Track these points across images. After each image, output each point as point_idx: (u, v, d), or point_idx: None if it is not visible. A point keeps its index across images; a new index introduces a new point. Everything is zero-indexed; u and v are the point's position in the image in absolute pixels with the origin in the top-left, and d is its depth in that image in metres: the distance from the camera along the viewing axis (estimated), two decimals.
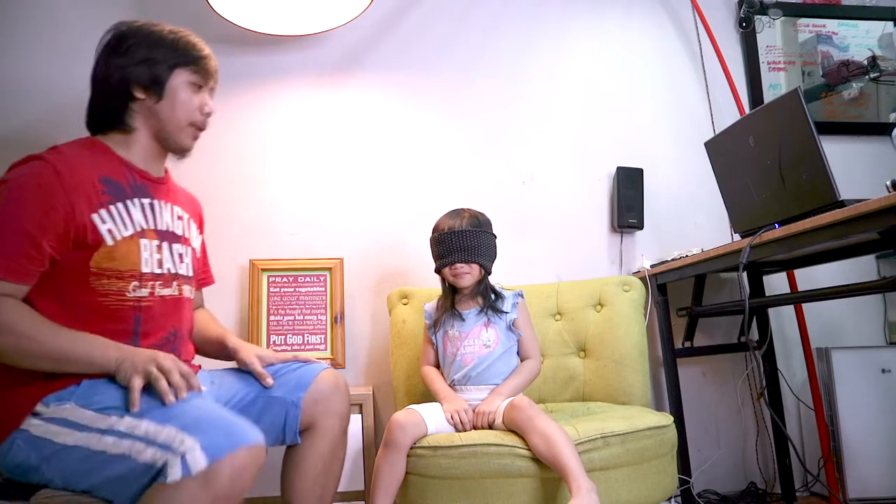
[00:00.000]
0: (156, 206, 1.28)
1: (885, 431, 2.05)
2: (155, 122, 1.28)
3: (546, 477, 1.36)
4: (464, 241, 1.63)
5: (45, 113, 2.05)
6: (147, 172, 1.30)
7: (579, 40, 2.36)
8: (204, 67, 1.30)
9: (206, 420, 1.01)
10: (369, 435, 1.79)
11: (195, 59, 1.29)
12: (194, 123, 1.31)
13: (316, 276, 2.04)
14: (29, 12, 2.08)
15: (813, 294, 1.83)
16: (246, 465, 0.97)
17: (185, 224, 1.36)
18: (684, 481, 1.92)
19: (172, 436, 0.97)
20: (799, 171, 1.50)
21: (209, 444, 0.95)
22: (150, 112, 1.27)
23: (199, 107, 1.30)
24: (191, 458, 0.94)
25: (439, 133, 2.23)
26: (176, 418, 1.00)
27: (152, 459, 0.97)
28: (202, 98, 1.31)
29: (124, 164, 1.26)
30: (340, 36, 2.18)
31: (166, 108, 1.27)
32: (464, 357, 1.62)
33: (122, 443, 1.00)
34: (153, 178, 1.31)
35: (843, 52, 2.47)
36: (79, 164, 1.18)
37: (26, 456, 1.06)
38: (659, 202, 2.29)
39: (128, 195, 1.22)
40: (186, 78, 1.28)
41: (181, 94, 1.28)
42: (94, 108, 1.31)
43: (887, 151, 2.36)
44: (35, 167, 1.14)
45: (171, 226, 1.31)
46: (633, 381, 1.79)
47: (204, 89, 1.32)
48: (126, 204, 1.21)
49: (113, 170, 1.23)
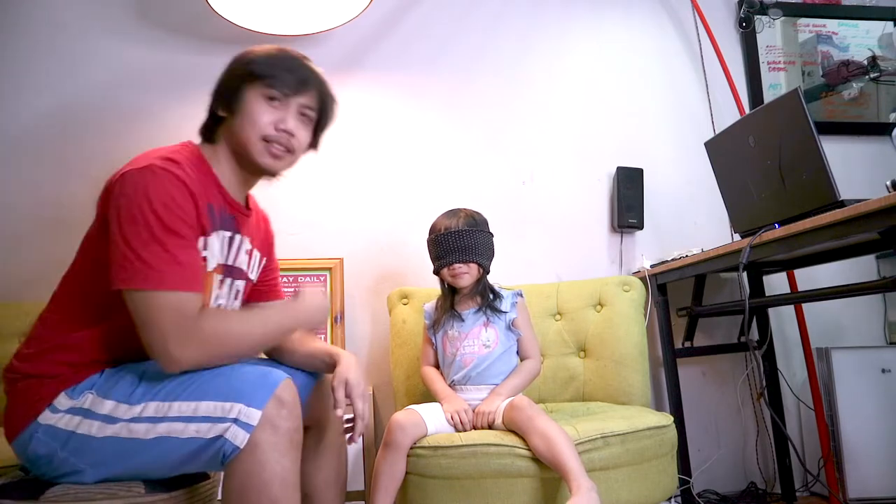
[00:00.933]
0: (235, 241, 1.26)
1: (885, 431, 2.05)
2: (232, 138, 1.23)
3: (546, 477, 1.36)
4: (461, 241, 1.63)
5: (44, 115, 2.05)
6: (236, 202, 1.26)
7: (579, 40, 2.36)
8: (280, 81, 1.21)
9: (235, 381, 1.04)
10: (369, 435, 1.79)
11: (270, 73, 1.21)
12: (267, 139, 1.21)
13: (316, 276, 2.04)
14: (28, 12, 2.08)
15: (813, 294, 1.83)
16: (291, 392, 1.04)
17: (249, 258, 1.33)
18: (684, 481, 1.92)
19: (212, 408, 1.02)
20: (799, 171, 1.50)
21: (251, 397, 1.01)
22: (229, 128, 1.23)
23: (273, 122, 1.21)
24: (244, 417, 0.99)
25: (439, 133, 2.23)
26: (206, 392, 1.04)
27: (197, 434, 1.01)
28: (279, 114, 1.22)
29: (220, 191, 1.22)
30: (340, 36, 2.18)
31: (238, 123, 1.21)
32: (464, 357, 1.62)
33: (157, 427, 1.03)
34: (241, 210, 1.28)
35: (843, 52, 2.47)
36: (198, 185, 1.14)
37: (51, 448, 1.06)
38: (659, 202, 2.29)
39: (217, 225, 1.20)
40: (260, 91, 1.21)
41: (251, 108, 1.21)
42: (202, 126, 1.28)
43: (887, 151, 2.36)
44: (171, 179, 1.09)
45: (239, 262, 1.28)
46: (633, 381, 1.79)
47: (286, 105, 1.22)
48: (215, 235, 1.19)
49: (213, 196, 1.19)
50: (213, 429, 1.01)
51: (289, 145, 1.24)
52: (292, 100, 1.23)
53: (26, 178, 2.03)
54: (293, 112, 1.24)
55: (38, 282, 1.91)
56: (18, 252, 1.98)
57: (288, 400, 1.03)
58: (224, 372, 1.08)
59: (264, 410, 1.00)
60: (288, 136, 1.23)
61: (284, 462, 1.00)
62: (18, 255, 1.98)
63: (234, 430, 0.99)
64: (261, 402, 1.00)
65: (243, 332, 1.12)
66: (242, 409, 1.00)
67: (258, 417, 0.99)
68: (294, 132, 1.23)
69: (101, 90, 2.09)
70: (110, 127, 2.07)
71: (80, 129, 2.06)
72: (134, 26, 2.12)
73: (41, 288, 1.85)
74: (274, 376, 1.05)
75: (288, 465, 1.00)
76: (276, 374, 1.05)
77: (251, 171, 1.27)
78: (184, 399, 1.04)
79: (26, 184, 2.03)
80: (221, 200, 1.22)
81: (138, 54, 2.11)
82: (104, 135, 2.06)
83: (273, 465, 0.99)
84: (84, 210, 1.90)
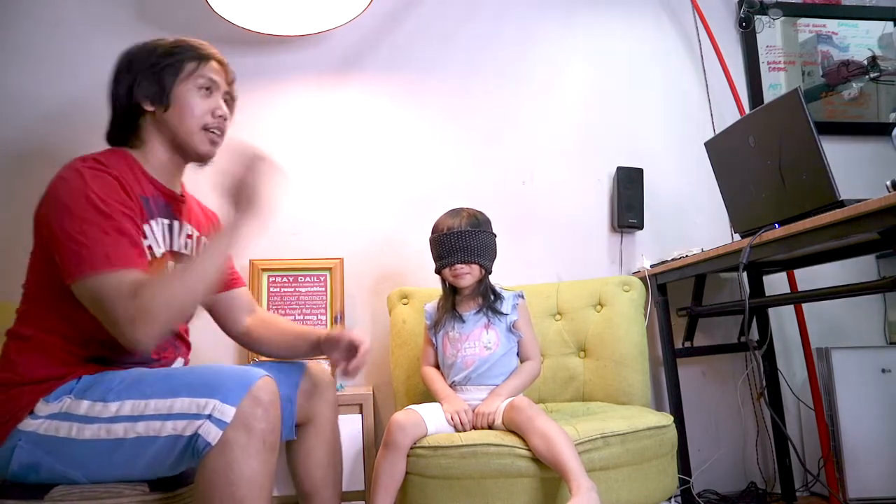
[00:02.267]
0: (174, 227, 1.28)
1: (885, 431, 2.05)
2: (167, 132, 1.26)
3: (546, 477, 1.36)
4: (463, 241, 1.63)
5: (36, 118, 2.05)
6: (171, 190, 1.29)
7: (579, 40, 2.36)
8: (209, 70, 1.27)
9: (211, 378, 1.03)
10: (369, 435, 1.79)
11: (197, 64, 1.26)
12: (207, 127, 1.27)
13: (316, 276, 2.04)
14: (29, 11, 2.08)
15: (813, 294, 1.83)
16: (269, 391, 1.02)
17: (194, 243, 1.35)
18: (684, 481, 1.92)
19: (187, 404, 1.00)
20: (799, 171, 1.50)
21: (226, 394, 0.99)
22: (161, 122, 1.26)
23: (209, 110, 1.27)
24: (218, 413, 0.98)
25: (439, 133, 2.23)
26: (182, 389, 1.03)
27: (174, 431, 1.00)
28: (213, 101, 1.28)
29: (151, 181, 1.25)
30: (340, 36, 2.18)
31: (174, 116, 1.25)
32: (465, 359, 1.62)
33: (136, 426, 1.02)
34: (175, 197, 1.31)
35: (843, 52, 2.47)
36: (128, 178, 1.17)
37: (35, 456, 1.06)
38: (659, 202, 2.29)
39: (154, 214, 1.22)
40: (192, 83, 1.26)
41: (188, 100, 1.25)
42: (112, 126, 1.31)
43: (887, 151, 2.36)
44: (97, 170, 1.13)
45: (182, 247, 1.31)
46: (633, 381, 1.79)
47: (215, 92, 1.29)
48: (154, 223, 1.21)
49: (143, 187, 1.22)
50: (190, 426, 0.99)
51: (223, 129, 1.30)
52: (220, 86, 1.30)
53: (26, 177, 2.02)
54: (221, 97, 1.30)
55: None
56: (18, 252, 1.98)
57: (264, 399, 1.00)
58: (201, 367, 1.09)
59: (238, 408, 0.98)
60: (223, 120, 1.29)
61: (253, 463, 0.97)
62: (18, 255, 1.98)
63: (207, 426, 0.98)
64: (236, 398, 0.99)
65: (186, 288, 1.09)
66: (217, 405, 0.98)
67: (232, 414, 0.97)
68: (227, 116, 1.31)
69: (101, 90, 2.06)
70: None
71: (80, 129, 2.06)
72: (134, 26, 2.12)
73: None
74: (252, 374, 1.03)
75: (257, 466, 0.98)
76: (254, 372, 1.04)
77: (187, 160, 1.31)
78: (159, 396, 1.03)
79: (26, 184, 2.02)
80: (154, 190, 1.25)
81: None
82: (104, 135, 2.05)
83: (241, 466, 0.97)
84: None
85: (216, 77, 1.29)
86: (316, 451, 1.34)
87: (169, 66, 1.25)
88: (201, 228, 1.38)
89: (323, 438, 1.35)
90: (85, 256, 1.06)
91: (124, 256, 1.07)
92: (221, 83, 1.30)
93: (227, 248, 1.14)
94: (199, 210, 1.42)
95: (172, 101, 1.24)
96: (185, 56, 1.26)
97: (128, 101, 1.26)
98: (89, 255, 1.06)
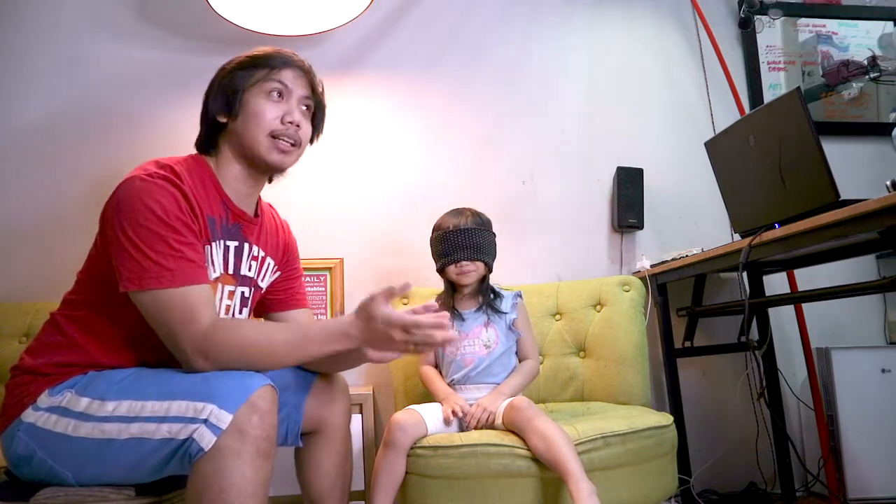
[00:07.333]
0: (243, 250, 1.26)
1: (885, 431, 2.05)
2: (237, 142, 1.22)
3: (546, 477, 1.36)
4: (469, 239, 1.63)
5: (44, 115, 2.05)
6: (242, 211, 1.26)
7: (579, 40, 2.36)
8: (284, 76, 1.22)
9: (212, 382, 1.02)
10: (369, 435, 1.79)
11: (269, 70, 1.22)
12: (275, 134, 1.21)
13: (316, 276, 2.04)
14: (29, 12, 2.08)
15: (813, 294, 1.83)
16: (268, 399, 0.99)
17: (259, 264, 1.32)
18: (684, 481, 1.92)
19: (184, 408, 0.99)
20: (799, 171, 1.50)
21: (224, 399, 0.97)
22: (232, 132, 1.22)
23: (278, 116, 1.21)
24: (214, 419, 0.96)
25: (439, 133, 2.23)
26: (182, 391, 1.01)
27: (168, 434, 0.98)
28: (284, 107, 1.22)
29: (223, 199, 1.22)
30: (340, 36, 2.18)
31: (241, 124, 1.21)
32: (464, 357, 1.62)
33: (129, 428, 1.01)
34: (246, 217, 1.27)
35: (843, 52, 2.47)
36: (199, 196, 1.15)
37: (29, 449, 1.06)
38: (659, 202, 2.29)
39: (217, 236, 1.20)
40: (261, 88, 1.21)
41: (255, 106, 1.20)
42: (199, 137, 1.28)
43: (887, 151, 2.36)
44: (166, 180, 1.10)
45: (248, 270, 1.28)
46: (633, 381, 1.79)
47: (288, 98, 1.23)
48: (215, 245, 1.19)
49: (213, 206, 1.19)
50: (185, 430, 0.97)
51: (296, 138, 1.24)
52: (294, 92, 1.24)
53: (26, 177, 2.03)
54: (296, 104, 1.24)
55: (38, 282, 1.92)
56: (18, 252, 1.98)
57: (262, 406, 0.98)
58: (197, 375, 1.07)
59: (235, 415, 0.96)
60: (295, 128, 1.23)
61: (245, 471, 0.95)
62: (18, 255, 1.98)
63: (201, 431, 0.96)
64: (234, 405, 0.96)
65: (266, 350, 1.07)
66: (214, 410, 0.96)
67: (228, 420, 0.95)
68: (300, 124, 1.24)
69: (102, 90, 2.09)
70: (111, 127, 2.06)
71: (81, 129, 2.06)
72: (134, 26, 2.12)
73: (40, 288, 1.87)
74: (254, 381, 1.01)
75: (249, 474, 0.95)
76: (256, 379, 1.01)
77: (259, 171, 1.26)
78: (158, 398, 1.01)
79: (26, 184, 2.02)
80: (223, 210, 1.21)
81: (138, 54, 2.11)
82: (104, 135, 2.06)
83: (232, 474, 0.94)
84: (84, 211, 1.92)
85: (291, 83, 1.23)
86: (325, 461, 1.30)
87: (240, 74, 1.22)
88: (267, 249, 1.34)
89: (332, 449, 1.31)
90: (148, 268, 1.04)
91: (187, 272, 1.06)
92: (296, 89, 1.24)
93: (329, 350, 1.09)
94: (272, 228, 1.38)
95: (241, 108, 1.21)
96: (258, 63, 1.22)
97: (205, 115, 1.24)
98: (154, 267, 1.04)
